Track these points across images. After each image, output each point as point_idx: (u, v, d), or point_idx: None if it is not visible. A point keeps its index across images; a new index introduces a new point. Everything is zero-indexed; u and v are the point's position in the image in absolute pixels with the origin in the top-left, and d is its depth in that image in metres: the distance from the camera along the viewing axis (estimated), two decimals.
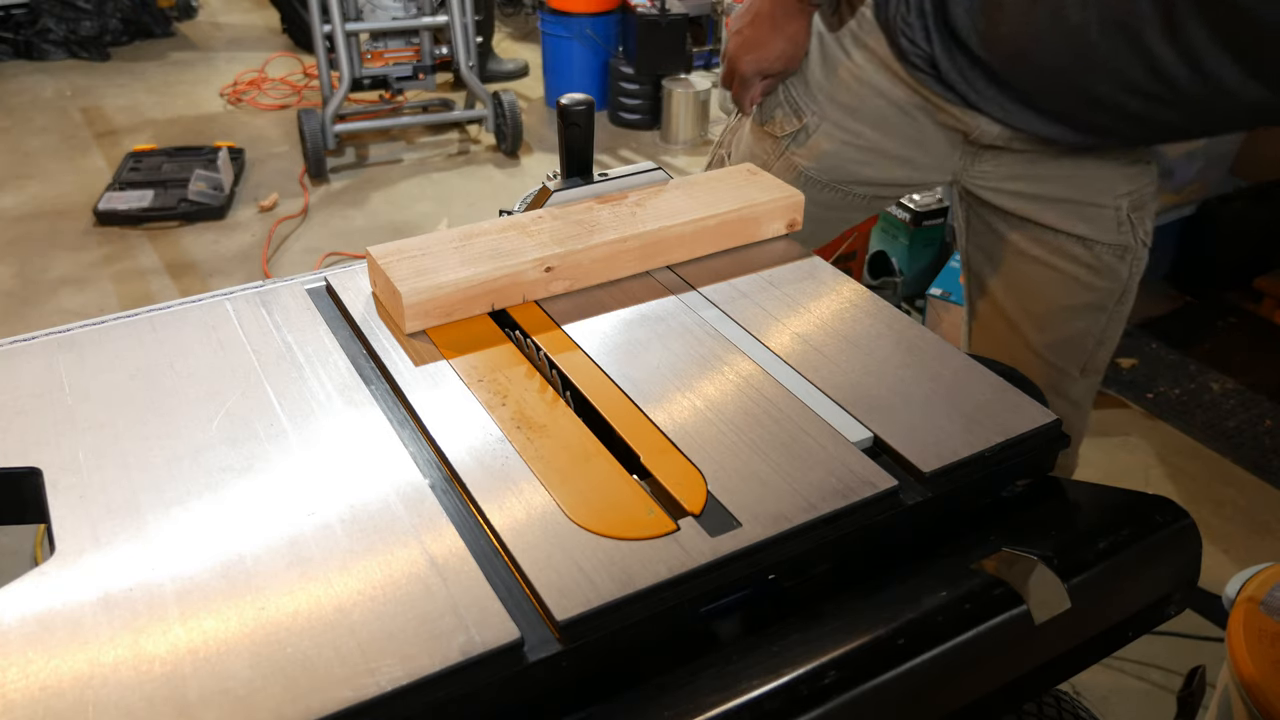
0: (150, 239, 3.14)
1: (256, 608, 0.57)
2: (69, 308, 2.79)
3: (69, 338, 0.81)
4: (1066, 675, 0.71)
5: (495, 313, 0.86)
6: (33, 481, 0.67)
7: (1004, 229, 1.26)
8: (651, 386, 0.76)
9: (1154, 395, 2.46)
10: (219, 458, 0.69)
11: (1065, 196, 1.19)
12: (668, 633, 0.60)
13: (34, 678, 0.53)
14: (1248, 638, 1.16)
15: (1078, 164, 1.17)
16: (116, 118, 3.99)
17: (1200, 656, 1.73)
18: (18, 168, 3.57)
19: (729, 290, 0.90)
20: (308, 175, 3.50)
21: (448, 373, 0.77)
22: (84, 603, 0.57)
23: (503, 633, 0.56)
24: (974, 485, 0.71)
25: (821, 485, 0.67)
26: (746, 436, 0.71)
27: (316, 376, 0.77)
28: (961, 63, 1.10)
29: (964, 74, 1.10)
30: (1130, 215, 1.19)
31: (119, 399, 0.74)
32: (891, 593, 0.66)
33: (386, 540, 0.62)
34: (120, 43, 4.69)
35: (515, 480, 0.67)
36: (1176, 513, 0.74)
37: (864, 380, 0.78)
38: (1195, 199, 2.83)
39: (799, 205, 0.99)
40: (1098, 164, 1.17)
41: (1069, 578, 0.67)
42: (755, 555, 0.62)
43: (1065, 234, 1.20)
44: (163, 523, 0.63)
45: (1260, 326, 2.74)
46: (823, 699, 0.57)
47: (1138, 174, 1.19)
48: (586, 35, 3.90)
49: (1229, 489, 2.18)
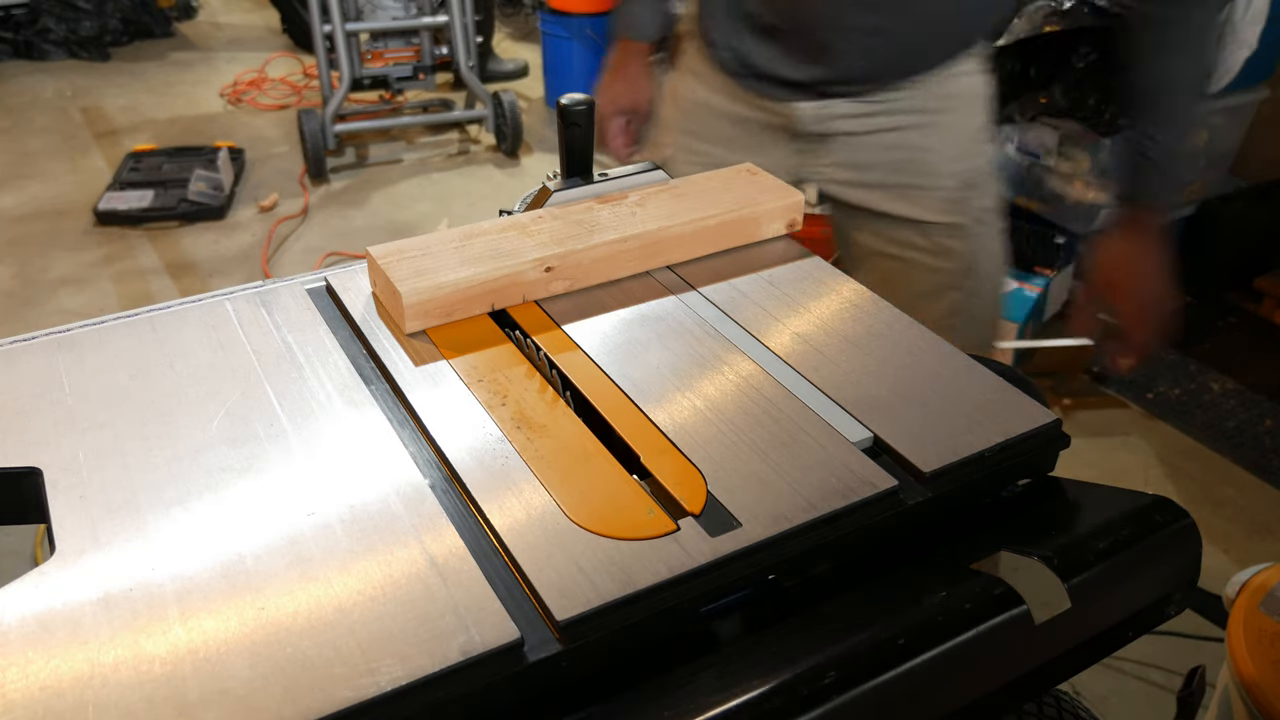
0: (150, 239, 3.14)
1: (256, 608, 0.57)
2: (69, 308, 2.79)
3: (69, 338, 0.81)
4: (1066, 675, 0.71)
5: (495, 313, 0.86)
6: (33, 481, 0.67)
7: (849, 227, 1.35)
8: (651, 386, 0.76)
9: (1154, 395, 2.46)
10: (219, 458, 0.69)
11: (890, 182, 1.27)
12: (668, 633, 0.60)
13: (34, 678, 0.53)
14: (1248, 638, 1.16)
15: (899, 147, 1.25)
16: (116, 118, 3.99)
17: (1200, 656, 1.73)
18: (18, 168, 3.57)
19: (729, 290, 0.90)
20: (308, 175, 3.50)
21: (448, 373, 0.77)
22: (84, 603, 0.57)
23: (503, 633, 0.56)
24: (974, 485, 0.71)
25: (821, 485, 0.67)
26: (746, 436, 0.71)
27: (316, 376, 0.77)
28: (760, 41, 1.24)
29: (765, 51, 1.23)
30: (961, 193, 1.26)
31: (119, 399, 0.74)
32: (891, 593, 0.66)
33: (386, 540, 0.62)
34: (120, 43, 4.69)
35: (515, 480, 0.67)
36: (1176, 513, 0.74)
37: (864, 380, 0.78)
38: (1195, 199, 2.83)
39: (799, 205, 0.99)
40: (919, 148, 1.25)
41: (1069, 578, 0.67)
42: (755, 555, 0.62)
43: (899, 220, 1.28)
44: (163, 523, 0.63)
45: (1260, 326, 2.74)
46: (823, 699, 0.57)
47: (966, 153, 1.27)
48: (586, 35, 3.90)
49: (1229, 489, 2.18)
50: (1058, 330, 2.67)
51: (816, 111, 1.25)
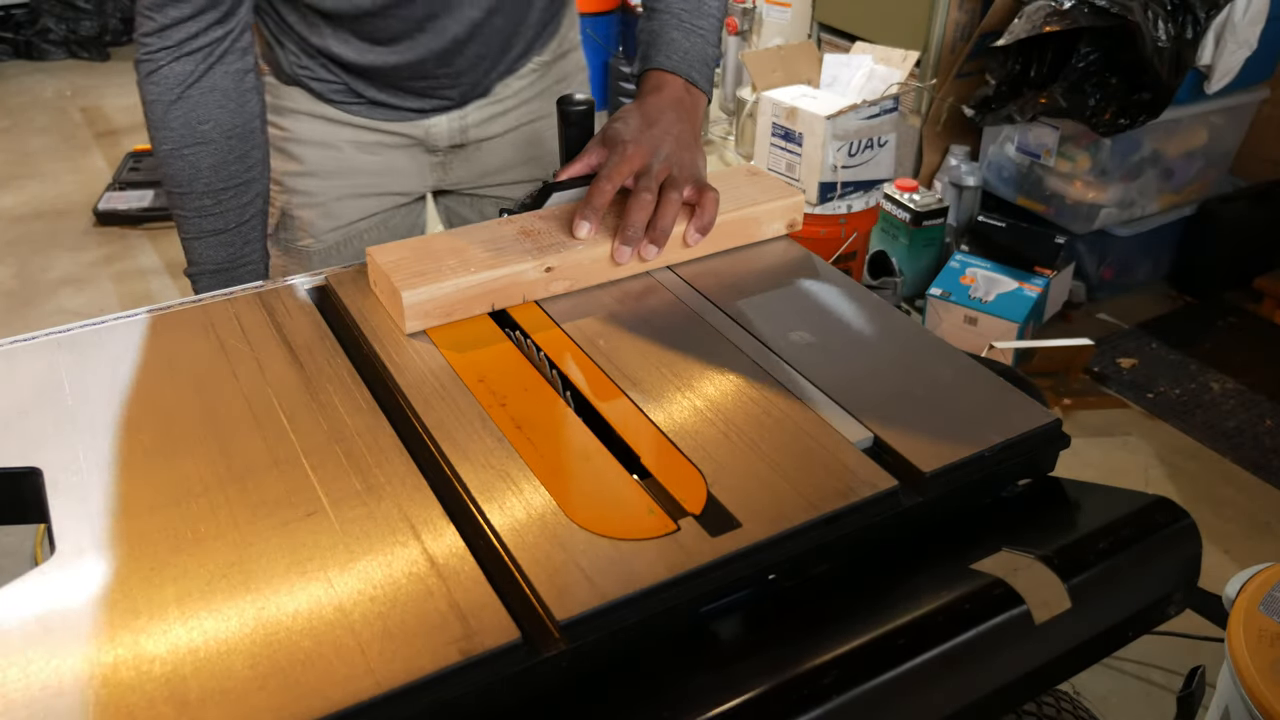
0: (150, 239, 3.14)
1: (256, 608, 0.57)
2: (69, 308, 2.79)
3: (69, 338, 0.81)
4: (1066, 675, 0.71)
5: (495, 313, 0.86)
6: (33, 481, 0.67)
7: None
8: (651, 386, 0.76)
9: (1154, 395, 2.46)
10: (219, 458, 0.69)
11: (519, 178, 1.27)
12: (668, 633, 0.60)
13: (34, 678, 0.53)
14: (1248, 638, 1.16)
15: (517, 144, 1.25)
16: (116, 118, 3.99)
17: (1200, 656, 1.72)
18: (18, 168, 3.57)
19: (729, 290, 0.90)
20: None
21: (448, 373, 0.77)
22: (84, 603, 0.57)
23: (503, 633, 0.56)
24: (974, 485, 0.71)
25: (822, 485, 0.67)
26: (746, 436, 0.71)
27: (316, 377, 0.77)
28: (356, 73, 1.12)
29: (371, 76, 1.13)
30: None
31: (119, 399, 0.74)
32: (891, 593, 0.66)
33: (386, 540, 0.62)
34: (120, 43, 4.69)
35: (515, 480, 0.67)
36: (1176, 513, 0.74)
37: (864, 380, 0.78)
38: (1195, 199, 2.83)
39: (799, 206, 0.99)
40: (536, 142, 1.25)
41: (1069, 578, 0.67)
42: (755, 555, 0.62)
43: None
44: (163, 523, 0.63)
45: (1260, 326, 2.74)
46: (823, 699, 0.57)
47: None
48: (586, 35, 3.90)
49: (1229, 489, 2.18)
50: (1058, 330, 2.67)
51: (450, 124, 1.20)
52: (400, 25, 1.06)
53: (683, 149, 0.95)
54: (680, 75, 1.03)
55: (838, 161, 2.42)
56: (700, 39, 1.04)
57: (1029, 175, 2.75)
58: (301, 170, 1.17)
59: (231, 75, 0.99)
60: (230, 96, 0.99)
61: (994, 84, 2.65)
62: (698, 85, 1.04)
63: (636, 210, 0.89)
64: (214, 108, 0.98)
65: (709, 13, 1.07)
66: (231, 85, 0.99)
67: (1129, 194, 2.68)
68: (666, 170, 0.92)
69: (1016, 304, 2.50)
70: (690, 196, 0.92)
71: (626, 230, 0.88)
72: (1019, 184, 2.79)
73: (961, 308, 2.54)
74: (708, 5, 1.08)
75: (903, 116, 2.76)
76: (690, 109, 1.01)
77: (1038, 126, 2.65)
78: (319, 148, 1.16)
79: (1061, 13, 2.40)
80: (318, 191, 1.18)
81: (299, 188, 1.18)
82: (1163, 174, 2.72)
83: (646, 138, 0.94)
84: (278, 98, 1.14)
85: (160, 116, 0.97)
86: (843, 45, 2.86)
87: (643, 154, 0.92)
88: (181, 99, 0.97)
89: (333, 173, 1.18)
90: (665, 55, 1.03)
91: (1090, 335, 2.50)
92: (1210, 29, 2.40)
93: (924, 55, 2.76)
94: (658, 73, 1.04)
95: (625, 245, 0.88)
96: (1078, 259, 2.75)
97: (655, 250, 0.90)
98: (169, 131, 0.98)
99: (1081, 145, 2.60)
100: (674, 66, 1.03)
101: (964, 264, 2.61)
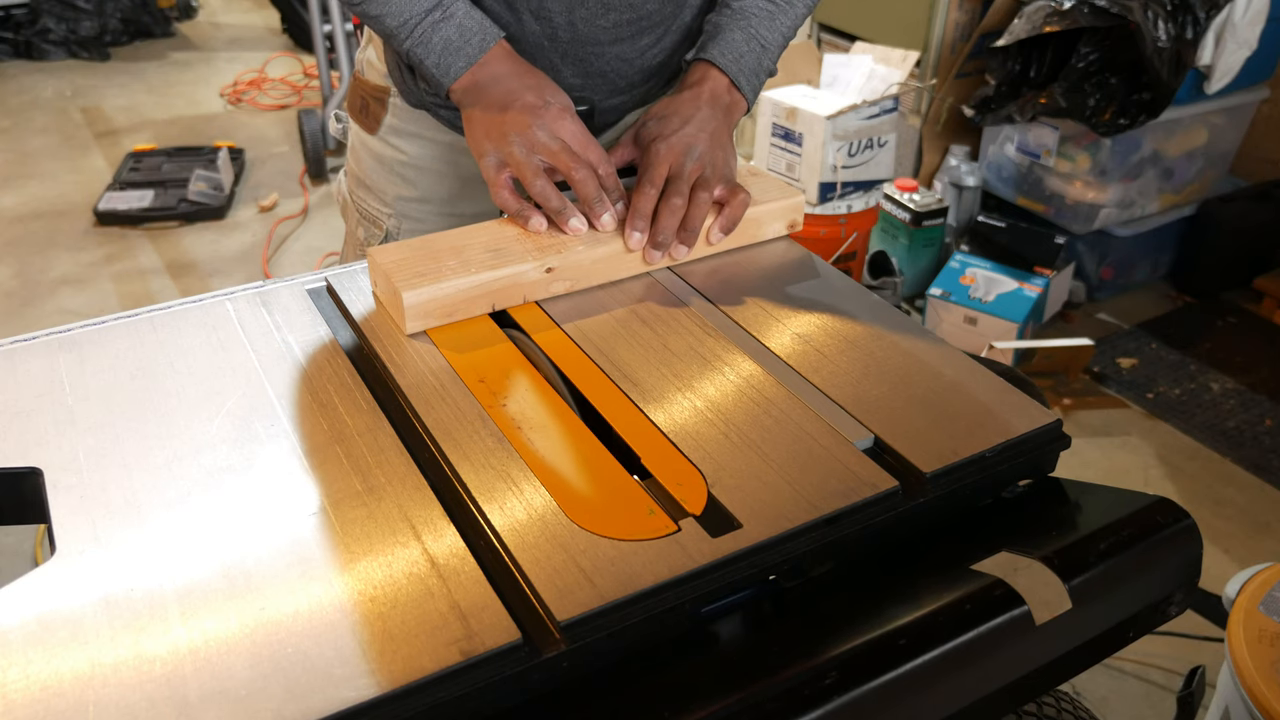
0: (150, 239, 3.14)
1: (256, 608, 0.57)
2: (69, 308, 2.79)
3: (69, 338, 0.81)
4: (1066, 675, 0.71)
5: (496, 313, 0.86)
6: (33, 481, 0.67)
7: None
8: (652, 387, 0.76)
9: (1154, 395, 2.46)
10: (219, 458, 0.69)
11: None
12: (668, 633, 0.60)
13: (34, 678, 0.53)
14: (1248, 638, 1.16)
15: None
16: (116, 118, 3.99)
17: (1200, 656, 1.72)
18: (18, 168, 3.57)
19: (729, 290, 0.89)
20: (308, 175, 3.50)
21: (448, 373, 0.77)
22: (84, 603, 0.57)
23: (503, 633, 0.56)
24: (975, 486, 0.71)
25: (822, 486, 0.67)
26: (747, 437, 0.71)
27: (317, 377, 0.77)
28: None
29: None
30: None
31: (119, 399, 0.74)
32: (892, 593, 0.66)
33: (386, 540, 0.62)
34: (120, 43, 4.69)
35: (515, 480, 0.67)
36: (1177, 513, 0.74)
37: (864, 380, 0.78)
38: (1195, 199, 2.83)
39: (799, 206, 0.99)
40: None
41: (1069, 578, 0.67)
42: (756, 556, 0.62)
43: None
44: (163, 523, 0.63)
45: (1260, 326, 2.74)
46: (823, 699, 0.57)
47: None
48: None
49: (1229, 489, 2.18)
50: (1058, 330, 2.67)
51: None
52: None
53: (716, 147, 0.96)
54: (728, 75, 1.01)
55: (838, 161, 2.42)
56: (760, 48, 1.02)
57: (1029, 175, 2.75)
58: (415, 196, 1.15)
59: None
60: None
61: (994, 84, 2.64)
62: (742, 90, 1.02)
63: (667, 216, 0.90)
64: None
65: (779, 27, 1.05)
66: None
67: (1129, 194, 2.67)
68: (699, 169, 0.93)
69: (1016, 304, 2.50)
70: (721, 196, 0.93)
71: (658, 236, 0.90)
72: (1019, 184, 2.79)
73: (961, 308, 2.54)
74: (780, 20, 1.04)
75: (903, 116, 2.76)
76: (728, 109, 1.01)
77: (1038, 126, 2.65)
78: (436, 176, 1.14)
79: (1061, 13, 2.40)
80: (426, 218, 1.17)
81: (410, 213, 1.16)
82: (1163, 174, 2.72)
83: (679, 137, 0.94)
84: (402, 120, 1.12)
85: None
86: (842, 45, 2.86)
87: (675, 153, 0.93)
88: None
89: (445, 199, 1.16)
90: (720, 51, 1.01)
91: (1090, 335, 2.49)
92: (1210, 29, 2.40)
93: (924, 55, 2.75)
94: (706, 65, 1.02)
95: (656, 249, 0.90)
96: (1078, 259, 2.75)
97: (685, 251, 0.92)
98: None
99: (1081, 145, 2.60)
100: (725, 65, 1.01)
101: (964, 264, 2.61)
